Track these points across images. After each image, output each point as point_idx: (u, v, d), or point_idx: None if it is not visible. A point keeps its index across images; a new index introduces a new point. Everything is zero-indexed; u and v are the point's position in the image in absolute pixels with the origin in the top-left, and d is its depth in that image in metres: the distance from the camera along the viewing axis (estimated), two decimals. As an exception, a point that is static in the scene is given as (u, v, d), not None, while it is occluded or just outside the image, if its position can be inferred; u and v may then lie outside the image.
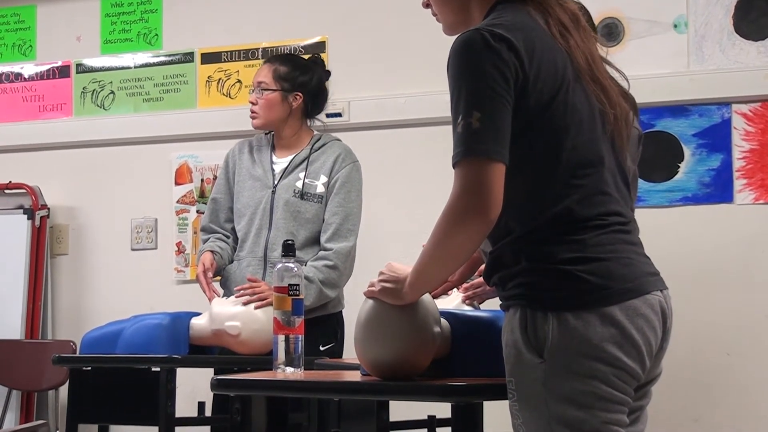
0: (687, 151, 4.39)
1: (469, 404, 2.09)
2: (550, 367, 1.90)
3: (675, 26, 4.43)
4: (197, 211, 5.19)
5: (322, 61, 4.07)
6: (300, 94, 3.83)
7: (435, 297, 2.23)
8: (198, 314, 3.67)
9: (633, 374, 1.93)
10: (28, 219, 5.32)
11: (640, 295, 1.94)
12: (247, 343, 3.54)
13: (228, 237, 3.87)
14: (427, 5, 2.18)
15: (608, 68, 2.13)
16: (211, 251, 3.78)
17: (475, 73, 1.92)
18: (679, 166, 4.39)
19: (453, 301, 2.89)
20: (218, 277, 3.85)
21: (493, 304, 2.61)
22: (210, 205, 3.95)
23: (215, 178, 5.11)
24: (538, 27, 2.02)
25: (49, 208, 5.36)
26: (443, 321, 2.15)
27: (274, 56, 4.18)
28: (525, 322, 1.93)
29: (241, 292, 3.59)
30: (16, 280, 5.25)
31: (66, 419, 3.61)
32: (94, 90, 5.42)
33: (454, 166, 1.92)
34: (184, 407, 3.61)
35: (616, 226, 1.98)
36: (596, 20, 4.05)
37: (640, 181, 4.05)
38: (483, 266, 2.44)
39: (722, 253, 4.30)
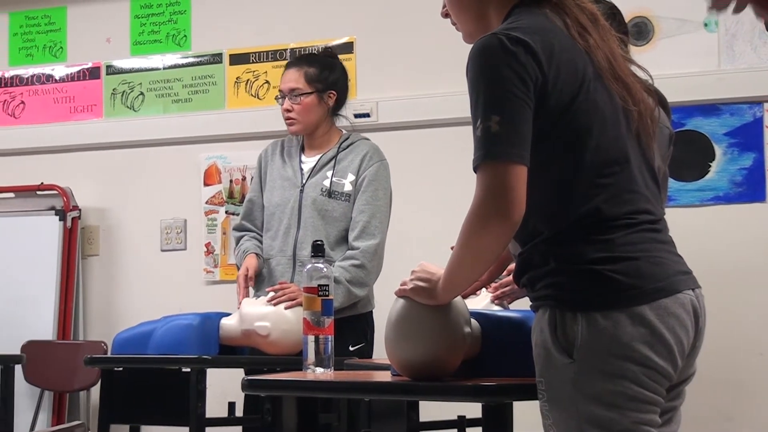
0: (718, 150, 4.36)
1: (499, 404, 2.08)
2: (580, 367, 1.89)
3: (705, 25, 4.41)
4: (226, 212, 5.21)
5: (336, 55, 4.07)
6: (333, 92, 3.84)
7: (464, 297, 2.22)
8: (228, 314, 3.68)
9: (664, 374, 1.91)
10: (60, 220, 5.34)
11: (671, 294, 1.93)
12: (276, 343, 3.55)
13: (261, 236, 3.88)
14: (446, 15, 2.19)
15: (632, 67, 2.12)
16: (255, 254, 3.78)
17: (493, 76, 1.92)
18: (710, 166, 4.37)
19: (482, 301, 2.89)
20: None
21: (523, 304, 2.61)
22: (246, 204, 3.97)
23: (244, 179, 5.13)
24: (556, 28, 2.02)
25: (80, 210, 5.39)
26: (473, 321, 2.15)
27: (296, 59, 4.13)
28: (554, 322, 1.93)
29: (271, 294, 3.60)
30: (48, 281, 5.28)
31: (98, 420, 3.63)
32: (123, 91, 5.45)
33: (475, 170, 1.93)
34: (215, 407, 3.61)
35: (646, 225, 1.97)
36: (626, 19, 4.03)
37: (671, 181, 4.03)
38: (512, 265, 2.44)
39: (754, 252, 4.27)
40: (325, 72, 3.85)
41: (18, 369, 4.17)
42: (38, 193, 5.45)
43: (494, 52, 1.93)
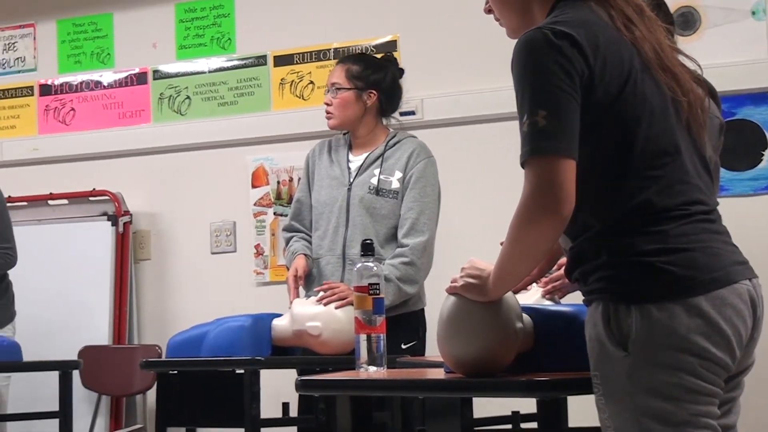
0: (770, 139, 4.32)
1: (554, 399, 2.07)
2: (635, 360, 1.88)
3: (753, 13, 4.36)
4: (274, 213, 5.23)
5: (395, 59, 4.08)
6: (374, 92, 3.84)
7: (515, 292, 2.21)
8: (279, 315, 3.69)
9: (722, 365, 1.90)
10: (112, 225, 5.39)
11: (728, 285, 1.91)
12: (328, 343, 3.56)
13: (310, 236, 3.89)
14: (489, 11, 2.18)
15: (680, 57, 2.10)
16: (305, 255, 3.80)
17: (538, 71, 1.91)
18: (762, 154, 4.32)
19: (533, 296, 2.87)
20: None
21: (574, 298, 2.59)
22: (294, 205, 3.98)
23: (291, 179, 5.15)
24: (601, 21, 2.01)
25: (131, 214, 5.44)
26: (525, 316, 2.14)
27: (347, 56, 4.20)
28: (608, 315, 1.92)
29: (321, 294, 3.61)
30: (102, 286, 5.33)
31: (155, 423, 3.66)
32: (170, 96, 5.49)
33: (522, 166, 1.92)
34: (268, 408, 3.63)
35: (700, 216, 1.95)
36: (672, 10, 4.00)
37: (724, 171, 3.99)
38: (562, 259, 2.43)
39: (810, 240, 4.22)
40: (368, 71, 3.86)
41: (75, 374, 4.21)
42: (90, 199, 5.50)
43: (539, 46, 1.92)
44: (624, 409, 1.90)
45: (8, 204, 4.37)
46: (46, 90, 5.75)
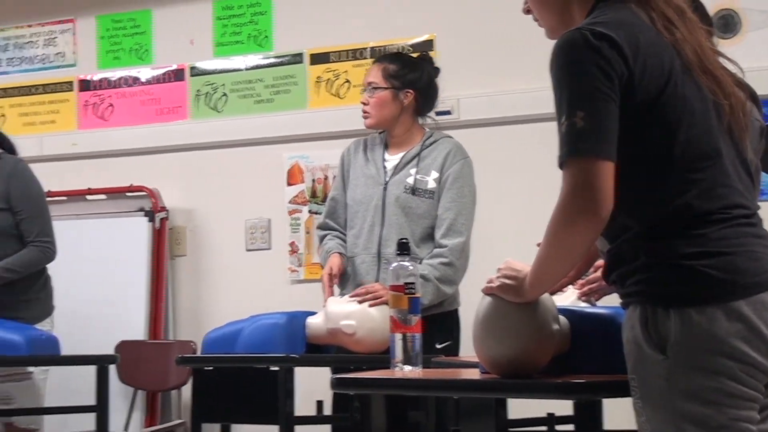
0: (813, 142, 4.27)
1: (590, 401, 2.07)
2: (674, 363, 1.87)
3: (795, 16, 4.33)
4: (309, 211, 5.24)
5: (432, 59, 4.08)
6: (411, 91, 3.84)
7: (551, 294, 2.21)
8: (313, 313, 3.70)
9: (762, 370, 1.88)
10: (149, 221, 5.42)
11: None
12: (362, 341, 3.56)
13: (345, 235, 3.89)
14: (528, 11, 2.18)
15: (721, 60, 2.09)
16: (339, 253, 3.81)
17: (577, 72, 1.91)
18: (803, 158, 4.28)
19: (569, 298, 2.86)
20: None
21: (610, 301, 2.59)
22: (329, 203, 3.99)
23: (326, 178, 5.16)
24: (642, 23, 2.00)
25: (167, 210, 5.46)
26: (562, 318, 2.14)
27: (383, 55, 4.21)
28: (646, 318, 1.91)
29: (355, 296, 3.62)
30: (138, 281, 5.36)
31: (190, 419, 3.67)
32: (207, 93, 5.52)
33: (560, 167, 1.92)
34: (302, 406, 3.64)
35: (741, 219, 1.94)
36: (711, 13, 3.98)
37: (764, 175, 3.95)
38: (598, 261, 2.42)
39: None
40: (405, 70, 3.86)
41: (112, 369, 4.24)
42: (128, 194, 5.53)
43: (578, 47, 1.92)
44: (662, 413, 1.90)
45: (48, 198, 4.40)
46: (85, 85, 5.79)
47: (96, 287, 5.38)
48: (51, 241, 4.20)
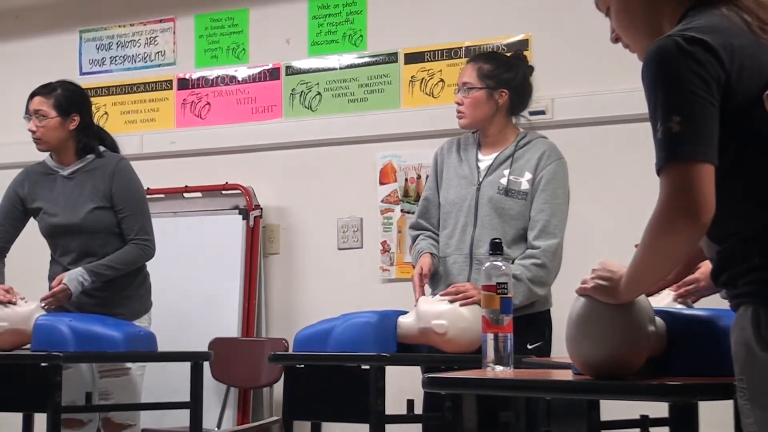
0: None
1: (686, 404, 2.04)
2: None
3: None
4: (401, 211, 5.25)
5: (525, 57, 4.05)
6: (505, 91, 3.82)
7: (647, 296, 2.18)
8: (405, 312, 3.70)
9: None
10: (243, 219, 5.48)
11: None
12: (453, 341, 3.55)
13: (437, 234, 3.89)
14: (616, 40, 2.16)
15: None
16: (430, 254, 3.80)
17: (670, 77, 1.88)
18: None
19: (665, 299, 2.83)
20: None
21: (707, 303, 2.54)
22: (422, 203, 3.99)
23: (419, 177, 5.16)
24: (735, 26, 1.96)
25: (261, 209, 5.52)
26: (658, 319, 2.11)
27: (477, 55, 4.19)
28: (758, 319, 1.87)
29: (446, 290, 3.61)
30: (232, 279, 5.42)
31: (282, 416, 3.70)
32: (302, 92, 5.56)
33: (658, 173, 1.89)
34: (392, 405, 3.64)
35: None
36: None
37: None
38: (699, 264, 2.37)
39: None
40: (499, 70, 3.84)
41: (206, 366, 4.29)
42: (223, 192, 5.60)
43: (670, 53, 1.88)
44: None
45: (147, 196, 4.47)
46: (183, 84, 5.87)
47: (191, 284, 5.44)
48: (150, 240, 4.26)
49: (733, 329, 1.93)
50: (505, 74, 3.84)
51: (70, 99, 4.28)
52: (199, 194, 5.67)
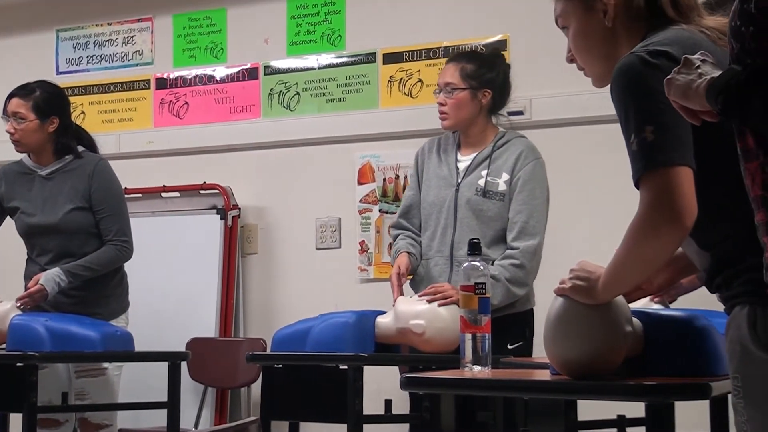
0: None
1: (663, 404, 2.04)
2: None
3: None
4: (380, 211, 5.24)
5: (503, 55, 4.06)
6: (488, 91, 3.82)
7: (629, 302, 2.19)
8: (383, 312, 3.70)
9: None
10: (221, 219, 5.47)
11: None
12: (431, 341, 3.55)
13: (418, 235, 3.89)
14: (571, 60, 2.17)
15: None
16: (407, 252, 3.80)
17: (639, 90, 1.90)
18: None
19: (641, 300, 2.83)
20: (410, 276, 3.87)
21: (683, 303, 2.55)
22: (404, 203, 3.98)
23: (397, 177, 5.16)
24: (695, 36, 2.00)
25: (239, 208, 5.51)
26: (635, 320, 2.12)
27: (457, 54, 4.19)
28: (754, 318, 1.87)
29: (424, 295, 3.61)
30: (210, 279, 5.40)
31: (260, 416, 3.69)
32: (280, 91, 5.55)
33: (636, 185, 1.90)
34: (369, 405, 3.64)
35: None
36: None
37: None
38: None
39: None
40: (482, 70, 3.83)
41: (183, 366, 4.28)
42: (201, 192, 5.59)
43: (635, 67, 1.91)
44: (765, 414, 1.87)
45: (125, 196, 4.45)
46: (161, 83, 5.86)
47: (168, 284, 5.43)
48: (128, 241, 4.24)
49: (727, 328, 1.94)
50: (488, 74, 3.84)
51: (48, 101, 4.26)
52: (177, 194, 5.65)
